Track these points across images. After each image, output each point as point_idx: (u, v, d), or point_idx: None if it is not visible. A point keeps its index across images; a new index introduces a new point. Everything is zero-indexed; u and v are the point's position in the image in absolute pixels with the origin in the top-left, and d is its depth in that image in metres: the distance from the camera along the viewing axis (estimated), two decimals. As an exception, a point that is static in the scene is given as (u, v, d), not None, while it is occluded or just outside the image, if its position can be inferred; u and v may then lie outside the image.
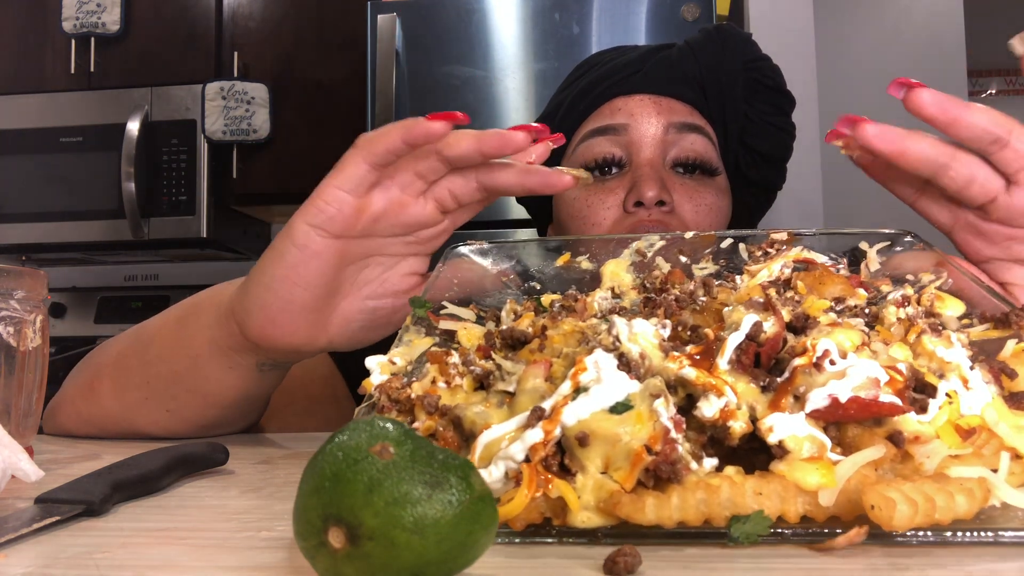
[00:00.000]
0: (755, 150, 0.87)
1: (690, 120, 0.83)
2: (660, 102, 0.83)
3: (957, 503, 0.33)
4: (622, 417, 0.36)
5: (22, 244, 2.57)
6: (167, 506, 0.44)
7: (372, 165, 0.52)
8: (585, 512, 0.34)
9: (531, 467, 0.35)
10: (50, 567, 0.33)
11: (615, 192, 0.81)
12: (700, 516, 0.33)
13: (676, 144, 0.82)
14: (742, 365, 0.39)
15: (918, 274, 0.52)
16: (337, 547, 0.26)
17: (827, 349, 0.37)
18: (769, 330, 0.40)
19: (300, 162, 2.47)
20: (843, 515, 0.33)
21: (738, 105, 0.85)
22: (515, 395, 0.41)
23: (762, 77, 0.86)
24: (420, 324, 0.50)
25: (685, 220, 0.80)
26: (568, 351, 0.43)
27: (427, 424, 0.42)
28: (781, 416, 0.36)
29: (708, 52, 0.85)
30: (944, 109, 0.51)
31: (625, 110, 0.83)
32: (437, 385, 0.44)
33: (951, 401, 0.37)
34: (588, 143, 0.84)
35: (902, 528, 0.32)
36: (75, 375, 0.76)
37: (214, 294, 0.67)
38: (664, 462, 0.34)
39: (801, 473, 0.34)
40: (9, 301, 0.55)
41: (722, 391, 0.37)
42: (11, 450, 0.42)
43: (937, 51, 2.72)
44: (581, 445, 0.35)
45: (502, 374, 0.44)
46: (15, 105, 2.56)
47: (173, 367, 0.66)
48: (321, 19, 2.52)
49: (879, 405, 0.35)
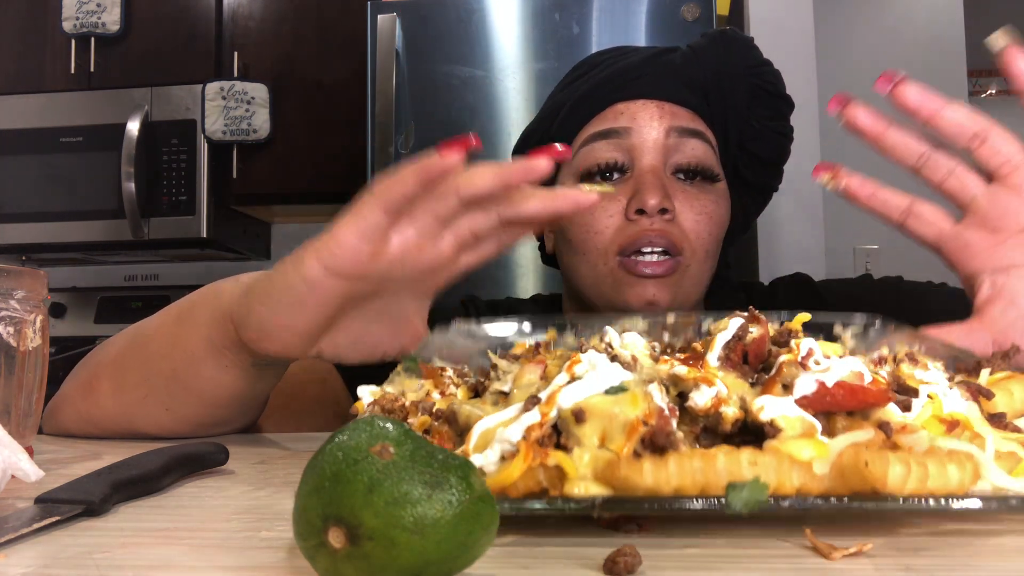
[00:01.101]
0: (755, 154, 0.87)
1: (692, 125, 0.83)
2: (663, 107, 0.83)
3: (949, 473, 0.34)
4: (617, 398, 0.36)
5: (22, 244, 2.57)
6: (167, 506, 0.44)
7: (388, 212, 0.51)
8: (582, 482, 0.35)
9: (527, 442, 0.35)
10: (49, 567, 0.33)
11: (617, 199, 0.81)
12: (697, 485, 0.33)
13: (678, 149, 0.82)
14: (731, 362, 0.40)
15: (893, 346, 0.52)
16: (337, 547, 0.26)
17: (811, 348, 0.39)
18: (755, 333, 0.41)
19: (300, 162, 2.47)
20: (837, 489, 0.34)
21: (740, 111, 0.85)
22: (510, 392, 0.41)
23: (764, 83, 0.86)
24: (410, 372, 0.51)
25: (685, 228, 0.80)
26: (563, 352, 0.43)
27: (421, 419, 0.42)
28: (771, 398, 0.37)
29: (711, 57, 0.85)
30: (925, 102, 0.54)
31: (627, 114, 0.83)
32: (431, 395, 0.45)
33: (933, 401, 0.39)
34: (590, 147, 0.84)
35: (897, 489, 0.33)
36: (75, 375, 0.76)
37: (211, 294, 0.66)
38: (660, 431, 0.35)
39: (795, 447, 0.35)
40: (9, 301, 0.55)
41: (713, 382, 0.38)
42: (11, 450, 0.42)
43: (937, 51, 2.72)
44: (578, 421, 0.36)
45: (498, 374, 0.45)
46: (15, 105, 2.56)
47: (171, 365, 0.66)
48: (321, 19, 2.52)
49: (865, 391, 0.37)
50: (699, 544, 0.34)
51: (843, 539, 0.33)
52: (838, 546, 0.32)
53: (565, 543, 0.35)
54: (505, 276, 1.99)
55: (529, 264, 1.98)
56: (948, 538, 0.34)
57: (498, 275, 1.99)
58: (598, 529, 0.37)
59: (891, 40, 2.75)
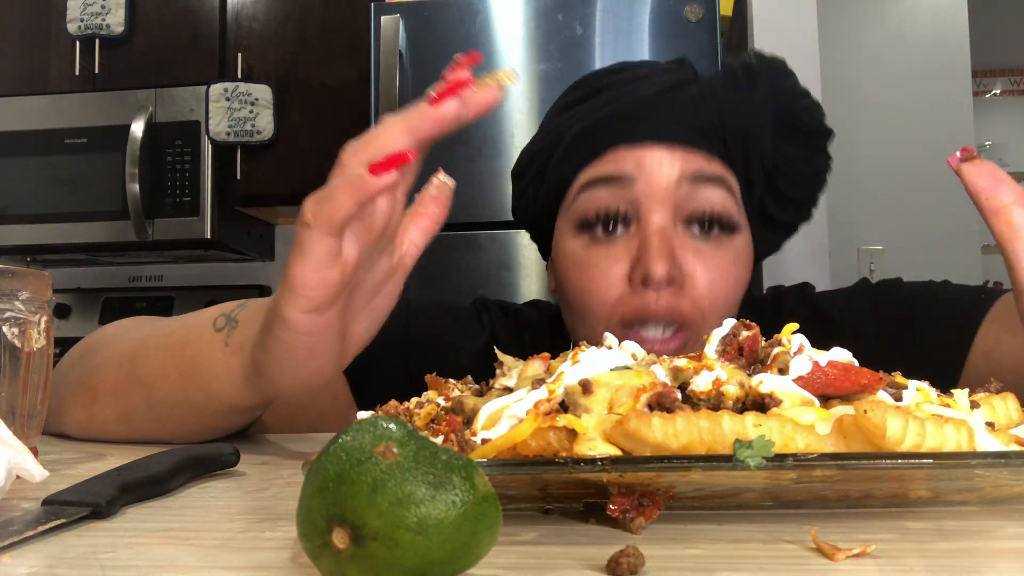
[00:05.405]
0: (785, 195, 0.77)
1: (708, 170, 0.73)
2: (673, 151, 0.73)
3: (946, 432, 0.34)
4: (621, 373, 0.38)
5: (27, 245, 2.58)
6: (172, 507, 0.44)
7: (332, 235, 0.46)
8: (591, 441, 0.35)
9: (536, 410, 0.36)
10: (54, 567, 0.33)
11: (620, 261, 0.72)
12: (704, 444, 0.34)
13: (691, 198, 0.72)
14: (728, 355, 0.42)
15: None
16: (341, 547, 0.26)
17: (802, 344, 0.40)
18: (749, 333, 0.43)
19: (304, 163, 2.48)
20: (840, 450, 0.35)
21: (766, 153, 0.74)
22: (515, 386, 0.42)
23: (796, 119, 0.75)
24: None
25: (697, 294, 0.71)
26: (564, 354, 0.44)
27: (427, 410, 0.43)
28: (770, 375, 0.38)
29: (731, 95, 0.74)
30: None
31: (632, 158, 0.73)
32: (436, 402, 0.46)
33: (922, 392, 0.40)
34: (589, 193, 0.74)
35: (895, 442, 0.33)
36: (68, 381, 0.74)
37: (213, 363, 0.62)
38: (667, 394, 0.36)
39: (796, 412, 0.36)
40: (14, 302, 0.55)
41: (712, 368, 0.39)
42: (16, 450, 0.42)
43: (942, 51, 2.72)
44: (584, 392, 0.37)
45: (504, 370, 0.45)
46: (20, 107, 2.57)
47: (186, 413, 0.65)
48: (325, 21, 2.52)
49: (859, 371, 0.38)
50: (702, 545, 0.34)
51: (847, 540, 0.33)
52: (842, 547, 0.32)
53: (569, 543, 0.35)
54: (508, 277, 1.99)
55: (532, 266, 1.98)
56: (951, 539, 0.34)
57: (501, 276, 1.99)
58: (601, 529, 0.37)
59: (895, 40, 2.74)
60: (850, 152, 2.63)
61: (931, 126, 2.68)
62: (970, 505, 0.39)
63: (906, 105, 2.70)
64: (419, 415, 0.45)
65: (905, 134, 2.69)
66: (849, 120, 2.65)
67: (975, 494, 0.39)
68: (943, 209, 2.58)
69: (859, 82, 2.71)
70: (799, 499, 0.39)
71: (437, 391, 0.48)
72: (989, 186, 0.48)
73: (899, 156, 2.68)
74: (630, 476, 0.34)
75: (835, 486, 0.36)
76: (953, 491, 0.38)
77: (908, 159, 2.67)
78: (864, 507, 0.39)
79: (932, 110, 2.69)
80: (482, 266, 1.99)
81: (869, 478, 0.35)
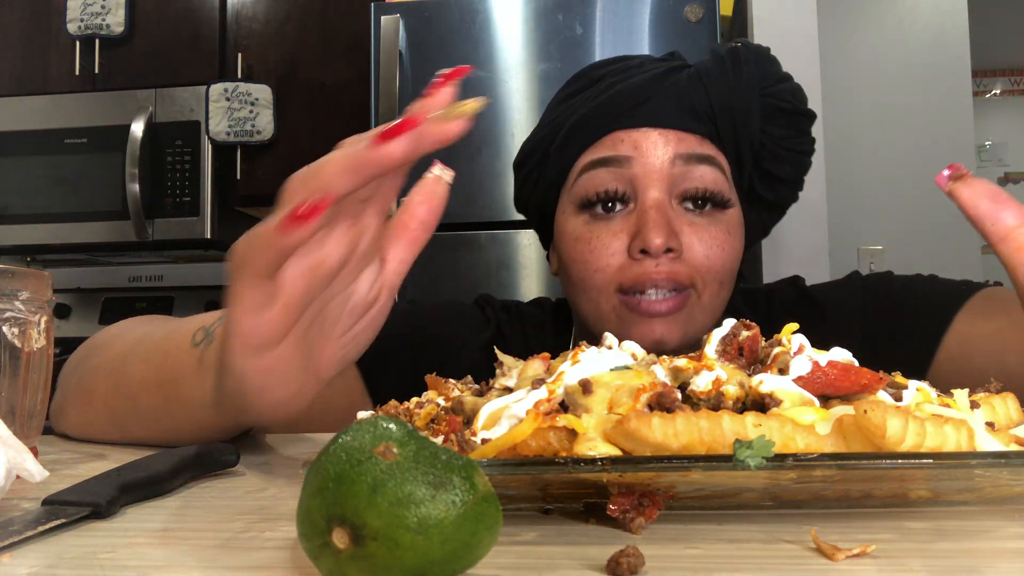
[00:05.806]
0: (772, 174, 0.82)
1: (700, 150, 0.78)
2: (667, 134, 0.77)
3: (946, 432, 0.34)
4: (621, 373, 0.38)
5: (26, 245, 2.58)
6: (172, 507, 0.44)
7: (262, 278, 0.42)
8: (591, 441, 0.35)
9: (536, 409, 0.36)
10: (54, 567, 0.33)
11: (619, 235, 0.76)
12: (703, 444, 0.34)
13: (685, 177, 0.77)
14: (728, 355, 0.42)
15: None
16: (341, 548, 0.26)
17: (802, 344, 0.40)
18: (749, 333, 0.43)
19: (304, 163, 2.40)
20: (840, 451, 0.35)
21: (754, 133, 0.79)
22: (516, 386, 0.42)
23: (780, 101, 0.80)
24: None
25: (695, 262, 0.75)
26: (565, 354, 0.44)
27: (427, 410, 0.43)
28: (770, 375, 0.38)
29: (719, 79, 0.79)
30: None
31: (629, 142, 0.77)
32: (436, 402, 0.46)
33: (922, 392, 0.40)
34: (589, 175, 0.79)
35: (895, 442, 0.33)
36: (68, 384, 0.74)
37: (188, 380, 0.60)
38: (667, 394, 0.36)
39: (796, 412, 0.36)
40: (14, 302, 0.55)
41: (712, 367, 0.39)
42: (16, 450, 0.42)
43: (942, 51, 2.72)
44: (585, 392, 0.37)
45: (504, 370, 0.45)
46: (19, 107, 2.57)
47: (170, 424, 0.64)
48: (324, 21, 2.52)
49: (859, 371, 0.38)
50: (702, 545, 0.34)
51: (847, 540, 0.33)
52: (842, 547, 0.32)
53: (568, 544, 0.35)
54: (508, 277, 1.99)
55: (532, 266, 1.98)
56: (951, 539, 0.34)
57: (501, 276, 1.99)
58: (601, 529, 0.37)
59: (895, 40, 2.74)
60: (850, 152, 2.63)
61: (931, 126, 2.68)
62: (970, 505, 0.39)
63: (906, 105, 2.70)
64: (419, 415, 0.45)
65: (905, 134, 2.69)
66: (849, 120, 2.65)
67: (975, 494, 0.39)
68: (943, 209, 2.57)
69: (859, 82, 2.71)
70: (799, 499, 0.39)
71: (437, 391, 0.48)
72: (991, 210, 0.47)
73: (899, 156, 2.68)
74: (630, 476, 0.34)
75: (835, 486, 0.36)
76: (953, 491, 0.38)
77: (908, 159, 2.67)
78: (864, 507, 0.39)
79: (932, 110, 2.69)
80: (482, 266, 1.99)
81: (869, 478, 0.35)
